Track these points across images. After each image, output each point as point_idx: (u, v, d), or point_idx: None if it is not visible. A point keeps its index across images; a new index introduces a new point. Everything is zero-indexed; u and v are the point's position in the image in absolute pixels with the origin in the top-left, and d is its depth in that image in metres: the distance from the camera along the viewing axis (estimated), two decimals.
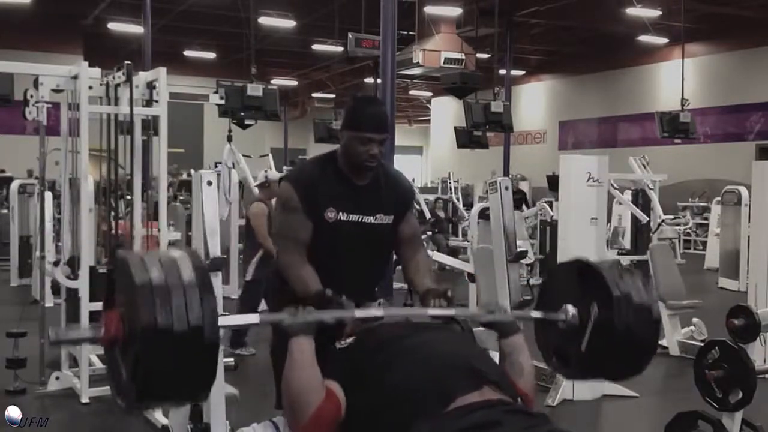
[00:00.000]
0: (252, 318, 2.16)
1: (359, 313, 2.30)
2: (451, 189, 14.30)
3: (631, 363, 2.31)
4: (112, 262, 2.03)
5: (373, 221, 2.71)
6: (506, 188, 5.44)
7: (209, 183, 5.33)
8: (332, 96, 23.95)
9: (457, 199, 14.02)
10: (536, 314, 2.37)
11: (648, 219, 8.41)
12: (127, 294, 1.84)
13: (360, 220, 2.68)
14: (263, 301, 5.33)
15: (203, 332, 1.78)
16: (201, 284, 1.82)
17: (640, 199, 9.24)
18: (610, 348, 2.20)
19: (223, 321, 1.95)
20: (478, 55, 15.88)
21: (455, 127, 14.14)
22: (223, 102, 7.50)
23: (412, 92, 25.79)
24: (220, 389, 2.18)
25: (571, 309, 2.26)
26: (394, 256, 3.02)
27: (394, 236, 2.80)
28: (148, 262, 1.83)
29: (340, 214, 2.66)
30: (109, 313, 1.89)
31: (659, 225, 8.10)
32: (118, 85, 5.09)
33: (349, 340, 2.33)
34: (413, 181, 16.33)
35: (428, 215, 12.39)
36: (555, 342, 2.37)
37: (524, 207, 12.50)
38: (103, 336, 1.86)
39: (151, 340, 1.75)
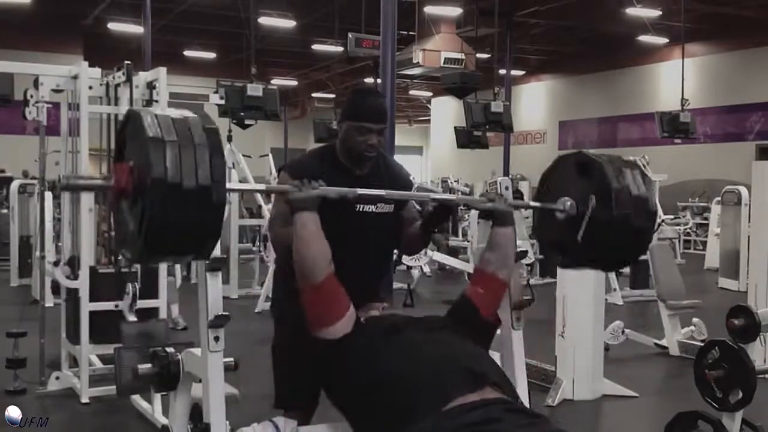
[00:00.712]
0: (258, 185, 2.24)
1: (361, 191, 2.40)
2: (451, 189, 14.31)
3: (624, 254, 2.46)
4: (125, 118, 2.06)
5: (374, 210, 2.71)
6: (506, 188, 5.44)
7: None
8: (332, 96, 23.93)
9: None
10: (535, 204, 2.53)
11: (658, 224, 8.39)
12: (138, 147, 1.86)
13: (361, 209, 2.68)
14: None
15: (211, 188, 1.82)
16: (211, 144, 1.86)
17: None
18: (604, 239, 2.31)
19: (229, 185, 1.99)
20: (478, 55, 15.88)
21: (455, 127, 14.15)
22: (223, 102, 7.52)
23: (412, 92, 25.78)
24: (220, 389, 2.18)
25: (568, 200, 2.37)
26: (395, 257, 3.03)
27: (395, 226, 2.80)
28: (160, 118, 1.86)
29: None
30: (119, 165, 1.92)
31: (659, 225, 8.11)
32: (118, 85, 5.09)
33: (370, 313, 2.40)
34: (413, 180, 16.32)
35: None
36: (553, 232, 2.48)
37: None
38: (113, 185, 1.89)
39: (160, 192, 1.78)
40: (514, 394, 2.13)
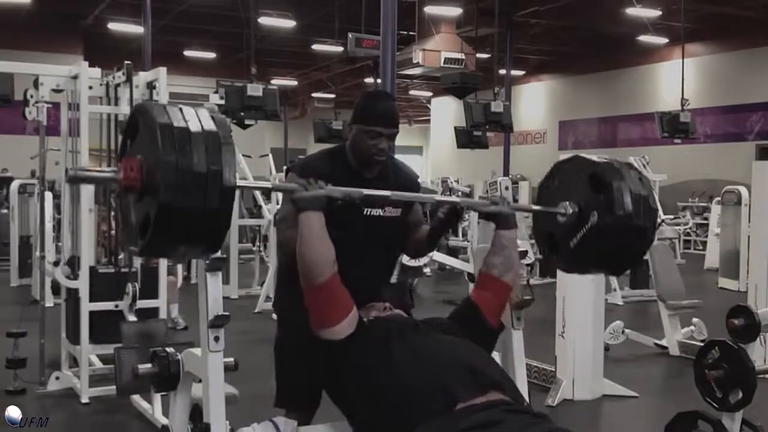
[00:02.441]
0: (264, 183, 2.22)
1: (367, 192, 2.39)
2: (451, 189, 14.30)
3: (610, 269, 2.60)
4: (133, 111, 2.05)
5: (381, 214, 2.70)
6: (506, 188, 5.44)
7: None
8: (332, 96, 23.92)
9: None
10: (537, 208, 2.57)
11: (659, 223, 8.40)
12: (148, 136, 1.85)
13: (368, 213, 2.67)
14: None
15: (222, 173, 1.83)
16: (221, 130, 1.88)
17: None
18: (597, 253, 2.37)
19: (238, 182, 1.98)
20: (478, 55, 15.87)
21: (455, 127, 14.15)
22: (223, 102, 7.51)
23: (412, 92, 25.78)
24: (220, 389, 2.18)
25: (570, 204, 2.40)
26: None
27: (402, 229, 2.79)
28: (169, 108, 1.88)
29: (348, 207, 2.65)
30: (127, 159, 1.91)
31: (659, 225, 8.11)
32: (118, 85, 5.09)
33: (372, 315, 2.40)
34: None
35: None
36: (550, 232, 2.51)
37: None
38: (121, 177, 1.87)
39: (170, 176, 1.78)
40: (517, 396, 2.13)
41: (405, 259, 6.45)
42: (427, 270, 10.89)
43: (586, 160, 2.42)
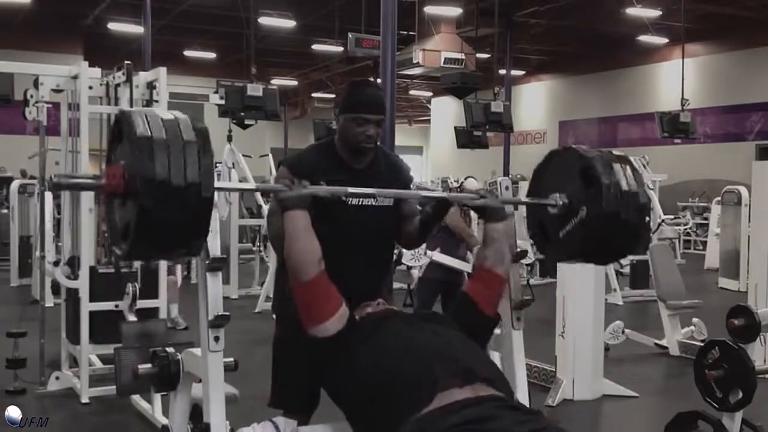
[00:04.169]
0: (250, 185, 2.27)
1: (352, 189, 2.41)
2: (450, 189, 14.29)
3: (595, 262, 2.61)
4: (117, 118, 2.09)
5: (372, 203, 2.70)
6: (506, 188, 5.44)
7: None
8: (332, 96, 23.92)
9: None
10: (527, 200, 2.58)
11: (648, 219, 8.40)
12: (128, 146, 1.90)
13: (360, 203, 2.68)
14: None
15: (200, 185, 1.88)
16: (200, 141, 1.93)
17: None
18: (584, 245, 2.39)
19: (219, 184, 2.06)
20: (478, 55, 15.88)
21: (455, 127, 14.14)
22: (223, 102, 7.52)
23: (412, 92, 25.78)
24: (220, 389, 2.18)
25: (560, 195, 2.41)
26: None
27: (394, 220, 2.79)
28: (150, 118, 1.92)
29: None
30: (110, 166, 1.97)
31: (659, 225, 8.12)
32: (118, 85, 5.09)
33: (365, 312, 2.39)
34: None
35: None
36: (541, 221, 2.54)
37: None
38: (104, 184, 1.92)
39: (149, 189, 1.84)
40: (508, 391, 2.13)
41: (405, 259, 6.45)
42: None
43: (579, 151, 2.42)
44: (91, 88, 4.97)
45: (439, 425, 1.87)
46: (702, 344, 3.78)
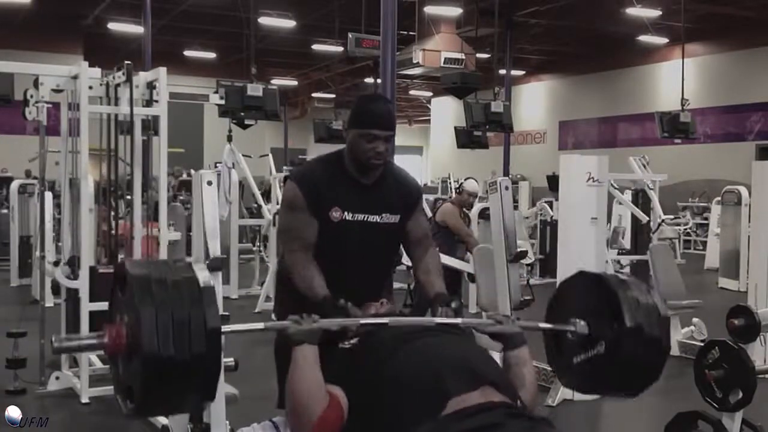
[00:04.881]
0: (257, 325, 2.19)
1: (364, 320, 2.31)
2: (450, 189, 14.30)
3: (617, 392, 2.42)
4: (116, 270, 2.05)
5: (378, 221, 2.68)
6: (506, 188, 5.44)
7: (209, 183, 5.34)
8: (332, 96, 23.94)
9: None
10: (545, 326, 2.41)
11: (648, 219, 8.41)
12: (131, 314, 1.86)
13: (365, 219, 2.66)
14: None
15: (206, 358, 1.83)
16: (206, 310, 1.86)
17: (640, 199, 9.24)
18: (603, 376, 2.28)
19: (227, 328, 1.99)
20: (478, 55, 15.87)
21: (455, 127, 14.13)
22: (223, 102, 7.49)
23: (412, 92, 25.79)
24: (220, 389, 2.17)
25: (580, 321, 2.29)
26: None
27: (400, 236, 2.78)
28: (154, 283, 1.86)
29: (346, 213, 2.64)
30: (112, 326, 1.92)
31: (659, 225, 8.11)
32: (118, 85, 5.08)
33: (353, 341, 2.33)
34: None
35: (429, 213, 12.41)
36: (559, 347, 2.41)
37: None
38: (107, 343, 1.89)
39: (152, 367, 1.79)
40: (514, 396, 2.12)
41: (406, 259, 6.46)
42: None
43: (611, 281, 2.32)
44: (91, 88, 4.96)
45: (453, 430, 1.87)
46: (702, 344, 3.77)
